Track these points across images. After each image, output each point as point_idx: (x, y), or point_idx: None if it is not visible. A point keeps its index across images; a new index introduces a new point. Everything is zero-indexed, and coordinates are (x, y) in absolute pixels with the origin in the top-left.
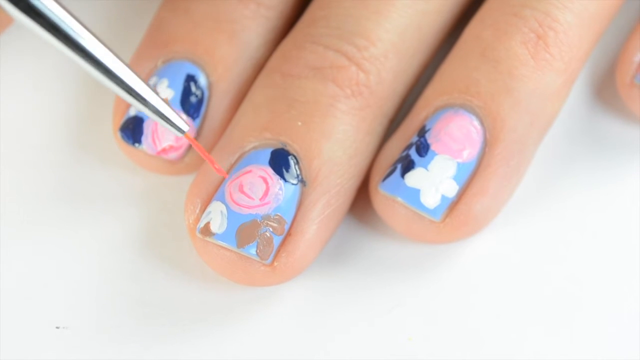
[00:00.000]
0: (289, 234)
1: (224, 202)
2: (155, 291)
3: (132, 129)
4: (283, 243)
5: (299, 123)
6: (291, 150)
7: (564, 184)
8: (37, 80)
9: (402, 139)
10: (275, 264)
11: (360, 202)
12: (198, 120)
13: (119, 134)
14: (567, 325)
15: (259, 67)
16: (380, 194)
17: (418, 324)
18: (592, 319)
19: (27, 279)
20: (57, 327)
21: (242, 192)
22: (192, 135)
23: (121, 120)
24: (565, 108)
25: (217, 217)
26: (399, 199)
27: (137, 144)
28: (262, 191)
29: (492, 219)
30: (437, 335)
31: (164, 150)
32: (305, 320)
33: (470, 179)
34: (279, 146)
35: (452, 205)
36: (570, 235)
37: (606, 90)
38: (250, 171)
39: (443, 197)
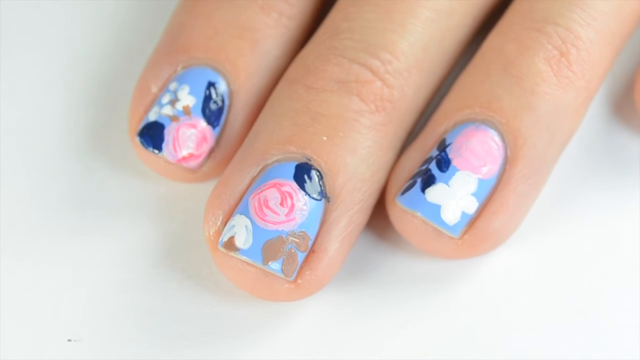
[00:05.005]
0: (312, 250)
1: (248, 216)
2: (168, 303)
3: (152, 135)
4: (307, 260)
5: (324, 137)
6: (315, 165)
7: (581, 199)
8: (47, 86)
9: (420, 152)
10: (299, 281)
11: (375, 214)
12: (218, 129)
13: (137, 139)
14: (586, 342)
15: (277, 77)
16: (399, 207)
17: (434, 339)
18: (612, 336)
19: (38, 290)
20: (69, 340)
21: (268, 207)
22: (211, 144)
23: (139, 125)
24: (583, 122)
25: (242, 232)
26: (419, 214)
27: (156, 151)
28: (287, 207)
29: (510, 236)
30: (453, 350)
31: (184, 158)
32: (320, 333)
33: (490, 195)
34: (303, 160)
35: (471, 222)
36: (587, 251)
37: (624, 104)
38: (274, 185)
39: (463, 214)
